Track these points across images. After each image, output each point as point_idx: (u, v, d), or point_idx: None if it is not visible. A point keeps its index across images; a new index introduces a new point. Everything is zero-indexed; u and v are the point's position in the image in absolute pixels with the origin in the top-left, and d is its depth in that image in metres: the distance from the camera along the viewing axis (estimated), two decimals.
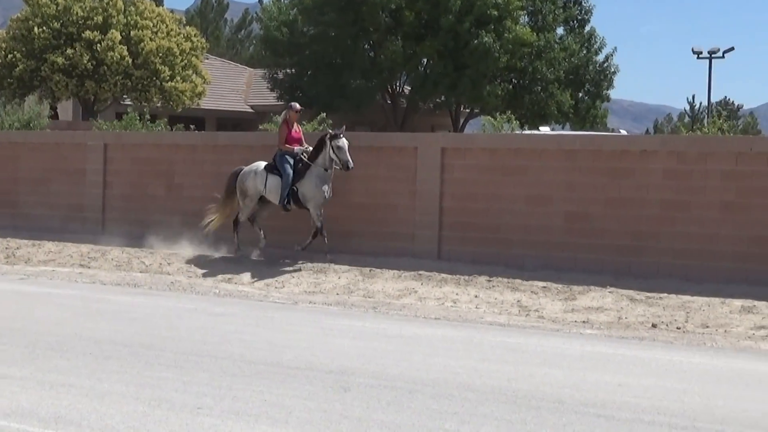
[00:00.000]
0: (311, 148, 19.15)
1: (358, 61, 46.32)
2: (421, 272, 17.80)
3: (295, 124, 19.76)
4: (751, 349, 12.59)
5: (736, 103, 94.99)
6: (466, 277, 17.32)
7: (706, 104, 62.82)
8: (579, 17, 51.66)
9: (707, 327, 13.94)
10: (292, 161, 19.13)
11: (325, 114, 36.27)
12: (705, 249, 17.00)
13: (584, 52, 50.47)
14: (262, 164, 19.59)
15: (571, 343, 12.67)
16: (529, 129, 39.51)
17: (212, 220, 19.93)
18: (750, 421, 8.73)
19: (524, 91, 48.31)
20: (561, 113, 49.05)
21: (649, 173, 17.46)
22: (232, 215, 19.96)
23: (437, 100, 48.93)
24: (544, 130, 32.18)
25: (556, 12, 49.31)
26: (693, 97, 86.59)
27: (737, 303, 15.25)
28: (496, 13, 44.73)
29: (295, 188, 19.06)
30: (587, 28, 51.64)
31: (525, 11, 47.95)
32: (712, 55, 57.16)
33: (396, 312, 15.20)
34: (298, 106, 20.10)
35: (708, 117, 54.71)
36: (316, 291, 16.99)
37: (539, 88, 48.25)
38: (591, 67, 50.42)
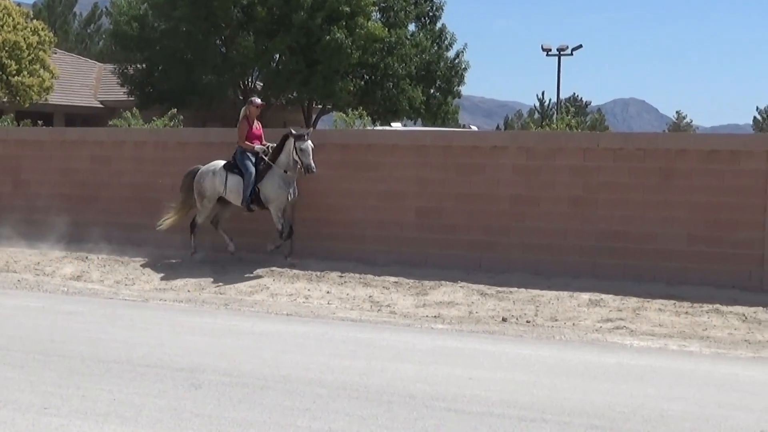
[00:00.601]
0: (272, 146, 18.19)
1: (209, 56, 45.95)
2: (273, 268, 17.73)
3: (256, 120, 18.65)
4: (598, 341, 12.82)
5: (584, 100, 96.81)
6: (318, 273, 17.31)
7: (556, 101, 63.98)
8: (430, 14, 52.02)
9: (556, 320, 14.16)
10: (253, 159, 18.17)
11: (176, 110, 35.91)
12: (554, 244, 17.27)
13: (435, 48, 50.80)
14: (221, 163, 18.61)
15: (423, 338, 12.74)
16: (381, 125, 39.69)
17: (167, 219, 18.99)
18: (597, 412, 8.88)
19: (376, 87, 48.46)
20: (412, 109, 49.31)
21: (499, 169, 17.67)
22: (189, 216, 18.99)
23: (289, 96, 48.78)
24: (396, 126, 32.31)
25: (408, 8, 49.56)
26: (543, 93, 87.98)
27: (585, 296, 15.53)
28: (347, 9, 44.77)
29: (256, 188, 18.09)
30: (438, 25, 52.01)
31: (376, 7, 48.06)
32: (561, 53, 58.14)
33: (248, 308, 15.13)
34: (258, 100, 19.07)
35: (557, 113, 55.63)
36: (167, 288, 16.81)
37: (391, 84, 48.45)
38: (442, 64, 50.78)
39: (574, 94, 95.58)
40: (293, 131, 17.92)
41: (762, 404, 9.24)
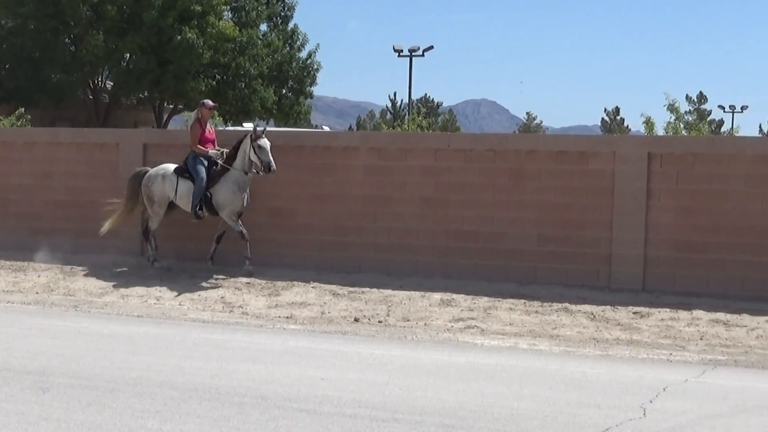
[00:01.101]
0: (227, 151, 17.53)
1: (58, 55, 45.10)
2: (124, 269, 17.51)
3: (209, 123, 18.07)
4: (449, 341, 12.91)
5: (436, 101, 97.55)
6: (170, 274, 17.15)
7: (407, 101, 64.35)
8: (282, 14, 51.93)
9: (408, 320, 14.23)
10: (206, 164, 17.49)
11: (24, 109, 35.20)
12: (406, 244, 17.39)
13: (287, 48, 50.74)
14: (171, 167, 17.87)
15: (275, 339, 12.70)
16: (233, 125, 39.47)
17: (106, 223, 18.17)
18: (447, 411, 8.94)
19: (228, 87, 48.18)
20: (265, 109, 49.16)
21: (351, 169, 17.72)
22: (130, 219, 18.26)
23: (140, 95, 48.23)
24: (248, 126, 32.15)
25: (260, 8, 49.37)
26: (395, 94, 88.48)
27: (437, 296, 15.66)
28: (199, 8, 44.41)
29: (208, 194, 17.38)
30: (290, 25, 51.96)
31: (228, 7, 47.79)
32: (413, 54, 58.54)
33: (98, 310, 14.90)
34: (211, 102, 18.44)
35: (409, 114, 55.97)
36: (15, 290, 16.47)
37: (243, 84, 48.23)
38: (294, 64, 50.73)
39: (426, 94, 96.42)
40: (255, 128, 17.53)
41: (609, 401, 9.41)
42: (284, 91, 51.01)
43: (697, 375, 10.77)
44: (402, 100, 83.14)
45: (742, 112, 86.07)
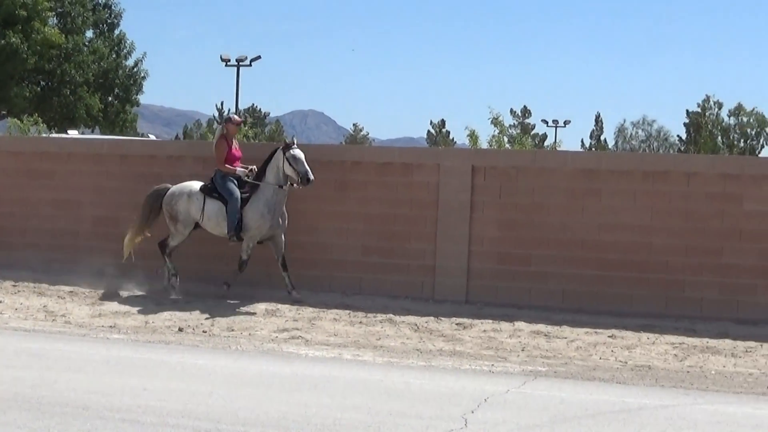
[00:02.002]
0: (255, 168, 16.45)
1: None
2: None
3: (234, 140, 17.00)
4: (274, 351, 12.90)
5: (263, 111, 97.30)
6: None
7: (234, 111, 64.05)
8: (108, 21, 51.30)
9: (233, 330, 14.18)
10: (236, 182, 16.36)
11: None
12: (226, 253, 17.29)
13: (114, 56, 50.12)
14: (196, 185, 16.65)
15: (98, 348, 12.52)
16: (57, 132, 38.79)
17: (126, 245, 16.95)
18: (271, 421, 8.94)
19: (53, 94, 47.38)
20: (90, 117, 48.50)
21: (177, 178, 17.55)
22: (137, 241, 16.98)
23: None
24: (73, 133, 31.67)
25: (86, 15, 48.68)
26: (222, 103, 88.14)
27: (261, 306, 15.68)
28: (24, 13, 43.58)
29: (241, 214, 16.22)
30: (117, 32, 51.32)
31: (54, 13, 46.98)
32: (240, 63, 58.41)
33: None
34: (238, 117, 17.53)
35: None
36: None
37: (68, 91, 47.47)
38: (121, 72, 50.19)
39: (254, 104, 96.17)
40: (286, 141, 16.44)
41: (432, 411, 9.52)
42: (110, 99, 50.37)
43: (518, 386, 10.96)
44: (229, 110, 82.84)
45: (564, 126, 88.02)
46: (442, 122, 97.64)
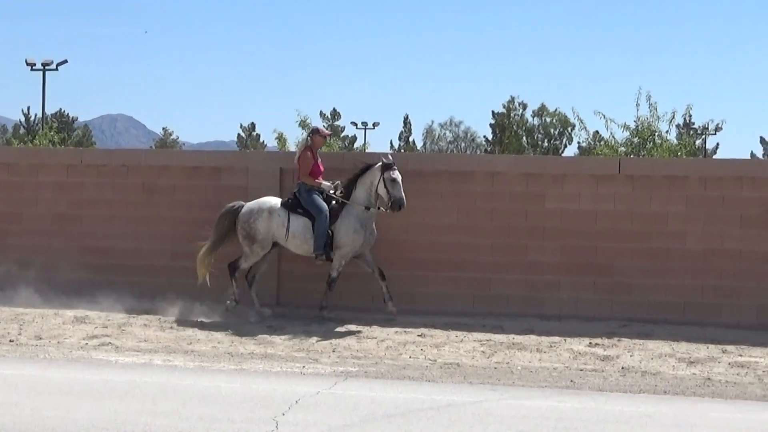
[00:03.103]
0: (340, 182, 15.64)
1: None
2: None
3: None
4: (83, 359, 12.72)
5: (71, 116, 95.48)
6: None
7: (41, 116, 62.86)
8: None
9: (41, 339, 13.94)
10: (323, 197, 15.55)
11: None
12: (38, 261, 16.98)
13: None
14: (276, 200, 15.78)
15: None
16: None
17: (199, 270, 16.00)
18: (80, 429, 8.82)
19: None
20: None
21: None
22: (210, 262, 16.01)
23: None
24: None
25: None
26: (28, 108, 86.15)
27: (70, 314, 15.44)
28: None
29: (330, 232, 15.39)
30: None
31: None
32: (46, 68, 57.27)
33: None
34: (326, 130, 16.64)
35: (42, 129, 54.71)
36: None
37: None
38: None
39: (61, 109, 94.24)
40: (383, 159, 15.42)
41: (243, 415, 9.53)
42: None
43: (329, 387, 11.04)
44: (36, 115, 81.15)
45: (374, 128, 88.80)
46: (252, 125, 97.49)
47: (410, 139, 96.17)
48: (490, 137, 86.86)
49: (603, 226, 15.91)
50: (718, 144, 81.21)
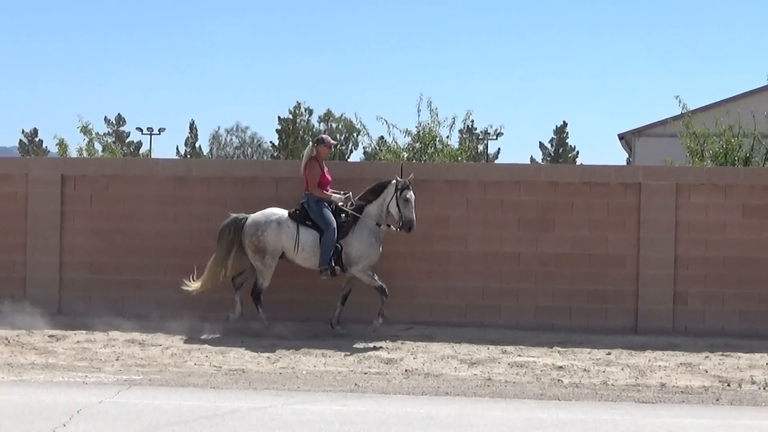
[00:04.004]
0: (350, 194, 15.29)
1: None
2: None
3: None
4: None
5: None
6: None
7: None
8: None
9: None
10: (332, 209, 15.19)
11: None
12: None
13: None
14: (283, 212, 15.31)
15: None
16: None
17: (198, 280, 15.44)
18: None
19: None
20: None
21: None
22: (218, 277, 15.43)
23: None
24: None
25: None
26: None
27: None
28: None
29: (338, 246, 15.05)
30: None
31: None
32: None
33: None
34: (332, 140, 15.93)
35: None
36: None
37: None
38: None
39: None
40: (398, 178, 15.23)
41: (21, 427, 9.32)
42: None
43: (111, 396, 10.90)
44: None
45: (159, 134, 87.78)
46: (35, 131, 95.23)
47: (197, 144, 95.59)
48: (276, 143, 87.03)
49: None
50: (499, 149, 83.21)
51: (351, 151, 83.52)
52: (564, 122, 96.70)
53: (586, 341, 15.06)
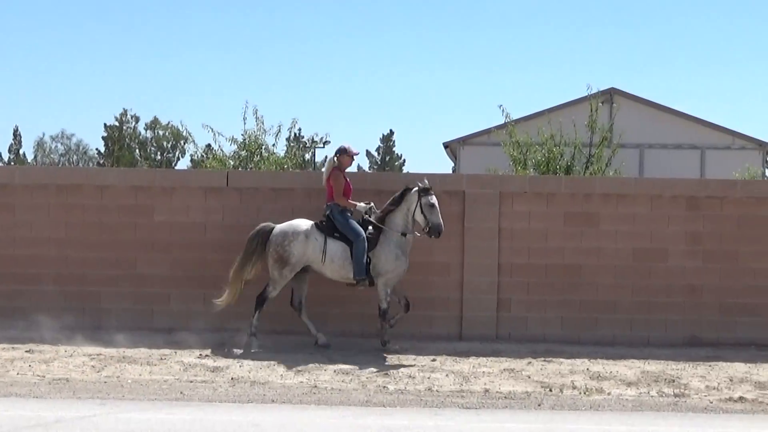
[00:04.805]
0: (372, 204, 15.06)
1: None
2: None
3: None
4: None
5: None
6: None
7: None
8: None
9: None
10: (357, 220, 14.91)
11: None
12: None
13: None
14: (308, 222, 15.04)
15: None
16: None
17: (226, 294, 15.06)
18: None
19: None
20: None
21: None
22: (240, 285, 15.11)
23: None
24: None
25: None
26: None
27: None
28: None
29: (368, 257, 14.68)
30: None
31: None
32: None
33: None
34: (355, 149, 15.36)
35: None
36: None
37: None
38: None
39: None
40: (419, 183, 14.86)
41: None
42: None
43: None
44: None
45: None
46: None
47: (21, 152, 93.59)
48: (102, 150, 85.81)
49: (212, 237, 16.11)
50: (326, 156, 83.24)
51: (178, 159, 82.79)
52: (391, 130, 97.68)
53: (411, 348, 15.22)
